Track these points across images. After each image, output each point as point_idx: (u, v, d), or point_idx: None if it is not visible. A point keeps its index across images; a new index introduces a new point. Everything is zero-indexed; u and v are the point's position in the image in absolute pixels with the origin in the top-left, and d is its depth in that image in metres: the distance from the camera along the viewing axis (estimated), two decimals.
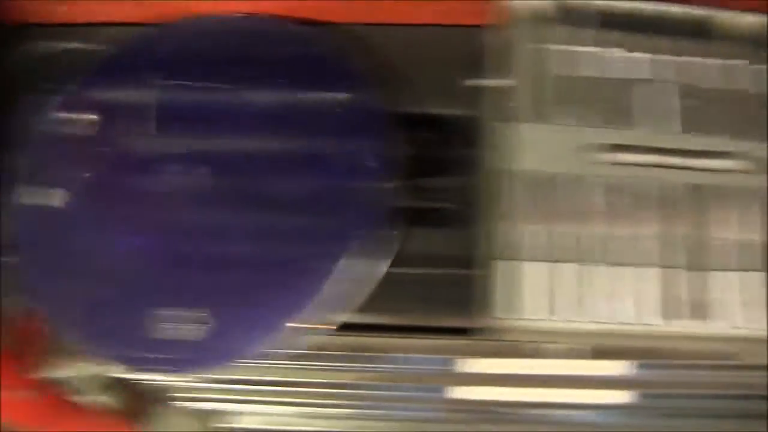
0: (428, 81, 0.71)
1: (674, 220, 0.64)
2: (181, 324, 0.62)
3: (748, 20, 0.70)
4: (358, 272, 0.64)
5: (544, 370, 0.80)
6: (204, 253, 0.65)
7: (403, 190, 0.67)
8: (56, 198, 0.67)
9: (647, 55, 0.67)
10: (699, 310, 0.62)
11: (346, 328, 0.72)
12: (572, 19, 0.67)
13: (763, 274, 0.62)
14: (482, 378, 0.83)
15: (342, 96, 0.68)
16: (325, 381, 0.84)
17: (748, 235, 0.63)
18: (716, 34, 0.69)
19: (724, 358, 0.77)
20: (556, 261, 0.62)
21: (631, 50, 0.67)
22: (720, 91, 0.66)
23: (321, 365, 0.81)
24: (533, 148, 0.63)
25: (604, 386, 0.85)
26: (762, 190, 0.64)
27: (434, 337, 0.76)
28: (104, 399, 0.76)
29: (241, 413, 0.85)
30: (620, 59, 0.67)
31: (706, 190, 0.64)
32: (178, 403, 0.82)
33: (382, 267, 0.65)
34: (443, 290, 0.68)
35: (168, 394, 0.81)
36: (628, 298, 0.62)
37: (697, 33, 0.69)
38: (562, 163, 0.63)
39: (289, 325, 0.63)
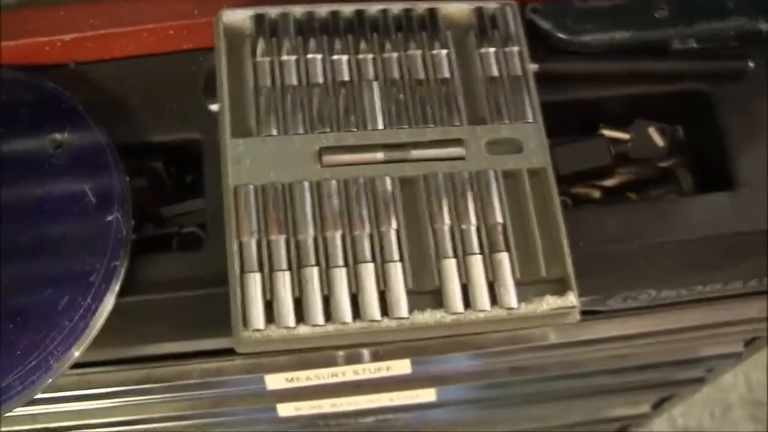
0: (149, 110, 0.71)
1: (406, 213, 0.65)
2: None
3: (466, 9, 0.72)
4: (96, 306, 0.63)
5: (351, 377, 0.80)
6: None
7: (137, 221, 0.67)
8: None
9: (345, 57, 0.67)
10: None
11: (114, 363, 0.72)
12: (272, 30, 0.67)
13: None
14: (289, 393, 0.83)
15: (60, 136, 0.67)
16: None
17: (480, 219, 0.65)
18: (441, 26, 0.71)
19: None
20: (298, 268, 0.62)
21: (330, 54, 0.67)
22: (423, 81, 0.67)
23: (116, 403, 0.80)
24: (249, 162, 0.64)
25: (410, 386, 0.86)
26: (479, 174, 0.66)
27: (210, 360, 0.75)
28: None
29: None
30: (321, 64, 0.67)
31: (432, 180, 0.64)
32: None
33: (118, 298, 0.63)
34: (196, 312, 0.67)
35: None
36: (369, 296, 0.61)
37: (422, 27, 0.70)
38: (279, 173, 0.64)
39: (32, 365, 0.61)
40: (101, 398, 0.77)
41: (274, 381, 0.75)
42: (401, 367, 0.77)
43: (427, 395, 0.84)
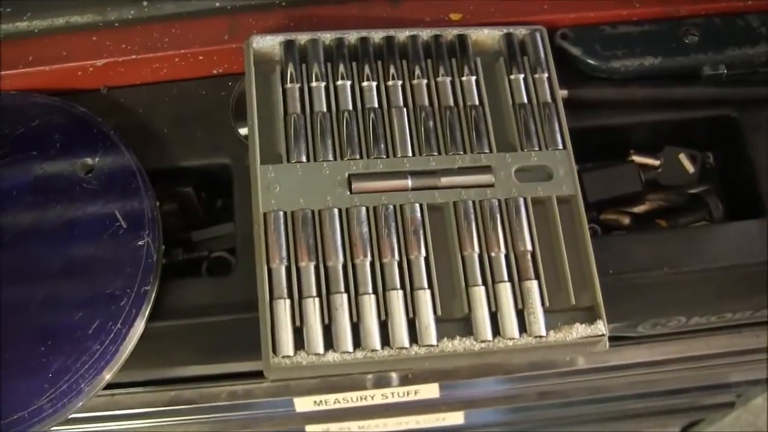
0: (179, 135, 0.71)
1: (435, 241, 0.65)
2: None
3: (495, 35, 0.72)
4: (127, 330, 0.63)
5: (379, 400, 0.80)
6: None
7: (166, 245, 0.67)
8: None
9: (374, 83, 0.67)
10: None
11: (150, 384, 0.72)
12: (302, 56, 0.68)
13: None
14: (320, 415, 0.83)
15: (92, 160, 0.68)
16: None
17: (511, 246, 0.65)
18: (471, 52, 0.71)
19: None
20: (327, 294, 0.62)
21: (359, 80, 0.67)
22: (452, 107, 0.67)
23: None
24: (279, 188, 0.64)
25: (438, 410, 0.86)
26: (508, 201, 0.66)
27: (238, 383, 0.76)
28: None
29: None
30: (350, 90, 0.67)
31: (461, 207, 0.64)
32: None
33: (147, 322, 0.64)
34: (224, 337, 0.67)
35: None
36: (398, 323, 0.61)
37: (451, 53, 0.70)
38: (308, 199, 0.65)
39: (63, 388, 0.62)
40: (129, 419, 0.78)
41: (303, 404, 0.75)
42: (430, 391, 0.77)
43: (454, 418, 0.84)
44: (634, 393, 0.87)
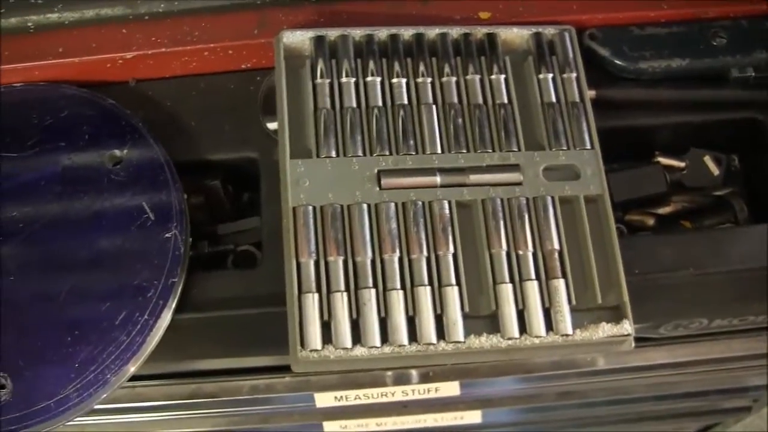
0: (207, 128, 0.71)
1: (463, 238, 0.65)
2: None
3: (524, 34, 0.72)
4: (154, 322, 0.64)
5: (399, 397, 0.81)
6: None
7: (194, 238, 0.67)
8: None
9: (404, 80, 0.67)
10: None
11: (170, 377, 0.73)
12: (332, 52, 0.68)
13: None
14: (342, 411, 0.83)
15: (120, 152, 0.68)
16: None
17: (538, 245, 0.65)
18: (500, 51, 0.71)
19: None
20: (355, 289, 0.62)
21: (389, 77, 0.67)
22: (481, 105, 0.67)
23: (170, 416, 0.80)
24: (308, 183, 0.65)
25: (456, 408, 0.86)
26: (536, 200, 0.66)
27: (259, 377, 0.76)
28: None
29: None
30: (380, 87, 0.67)
31: (489, 205, 0.65)
32: None
33: (174, 315, 0.65)
34: (248, 331, 0.67)
35: None
36: (426, 319, 0.61)
37: (481, 51, 0.70)
38: (338, 194, 0.65)
39: (90, 378, 0.62)
40: (149, 411, 0.78)
41: (323, 399, 0.76)
42: (450, 389, 0.77)
43: (472, 417, 0.84)
44: (652, 395, 0.87)
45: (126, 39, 0.71)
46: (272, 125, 0.70)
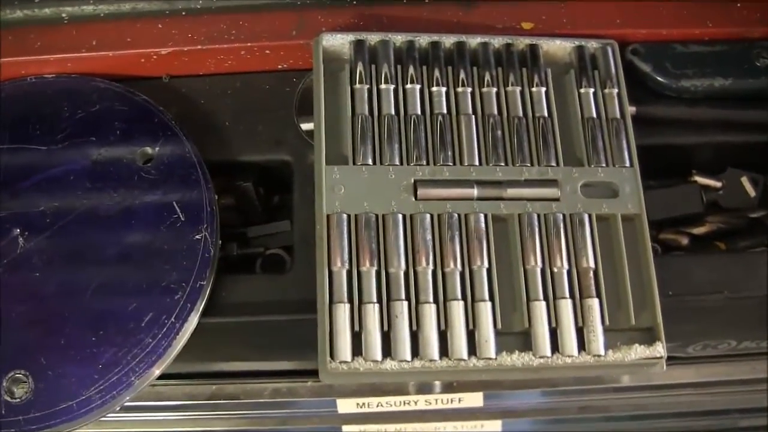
0: (241, 128, 0.70)
1: (498, 252, 0.64)
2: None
3: (567, 47, 0.70)
4: (180, 325, 0.63)
5: (422, 406, 0.80)
6: (19, 313, 0.63)
7: (223, 239, 0.66)
8: None
9: (444, 89, 0.66)
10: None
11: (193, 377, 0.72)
12: (372, 56, 0.67)
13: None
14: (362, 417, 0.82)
15: (151, 149, 0.67)
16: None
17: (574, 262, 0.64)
18: (542, 63, 0.70)
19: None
20: (387, 301, 0.61)
21: (429, 85, 0.66)
22: (520, 118, 0.66)
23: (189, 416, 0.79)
24: (343, 190, 0.64)
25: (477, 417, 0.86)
26: (573, 216, 0.65)
27: (282, 381, 0.75)
28: None
29: None
30: (419, 95, 0.66)
31: (526, 220, 0.64)
32: None
33: (200, 317, 0.64)
34: (274, 337, 0.67)
35: None
36: (458, 334, 0.60)
37: (522, 62, 0.69)
38: (373, 203, 0.64)
39: (113, 380, 0.61)
40: (169, 410, 0.77)
41: (345, 405, 0.75)
42: (474, 399, 0.76)
43: (492, 426, 0.83)
44: (674, 412, 0.86)
45: (162, 34, 0.70)
46: (306, 126, 0.68)
